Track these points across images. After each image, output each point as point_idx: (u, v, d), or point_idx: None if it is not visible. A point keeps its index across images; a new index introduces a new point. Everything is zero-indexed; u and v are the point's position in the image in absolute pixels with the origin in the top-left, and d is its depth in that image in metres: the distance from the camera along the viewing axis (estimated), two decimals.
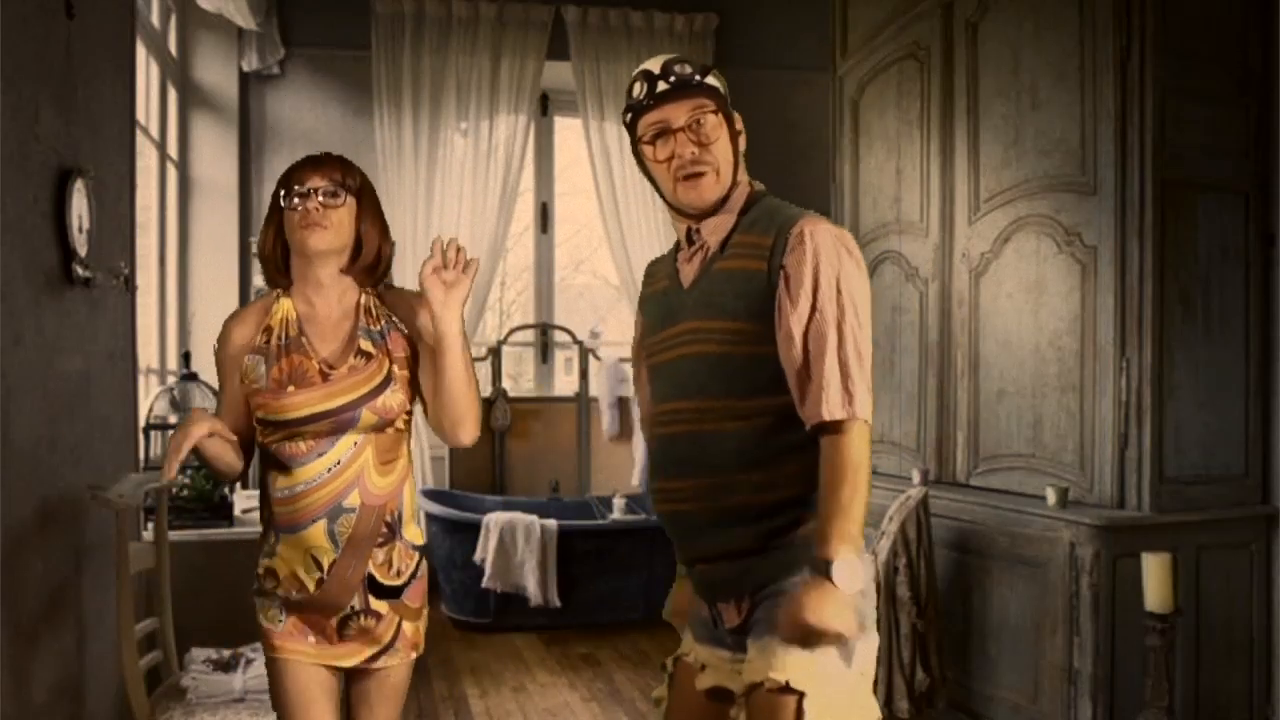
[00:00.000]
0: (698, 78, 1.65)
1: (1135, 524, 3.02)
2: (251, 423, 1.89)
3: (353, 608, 1.87)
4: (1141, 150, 3.07)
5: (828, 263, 1.57)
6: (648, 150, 1.67)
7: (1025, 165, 3.47)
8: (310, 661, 1.88)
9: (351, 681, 1.95)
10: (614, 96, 5.81)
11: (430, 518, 5.08)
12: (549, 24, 5.75)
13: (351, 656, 1.90)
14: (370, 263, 1.92)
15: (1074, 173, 3.27)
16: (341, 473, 1.83)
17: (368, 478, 1.85)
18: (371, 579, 1.86)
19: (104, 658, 2.76)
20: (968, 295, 3.75)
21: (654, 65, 1.67)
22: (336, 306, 1.90)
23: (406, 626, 1.92)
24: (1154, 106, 3.05)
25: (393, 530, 1.88)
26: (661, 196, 1.73)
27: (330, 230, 1.83)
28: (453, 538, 4.88)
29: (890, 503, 3.43)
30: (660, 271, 1.83)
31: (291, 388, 1.83)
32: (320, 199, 1.82)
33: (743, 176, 1.73)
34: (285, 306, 1.91)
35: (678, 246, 1.79)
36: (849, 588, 1.46)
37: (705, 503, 1.62)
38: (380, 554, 1.87)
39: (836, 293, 1.56)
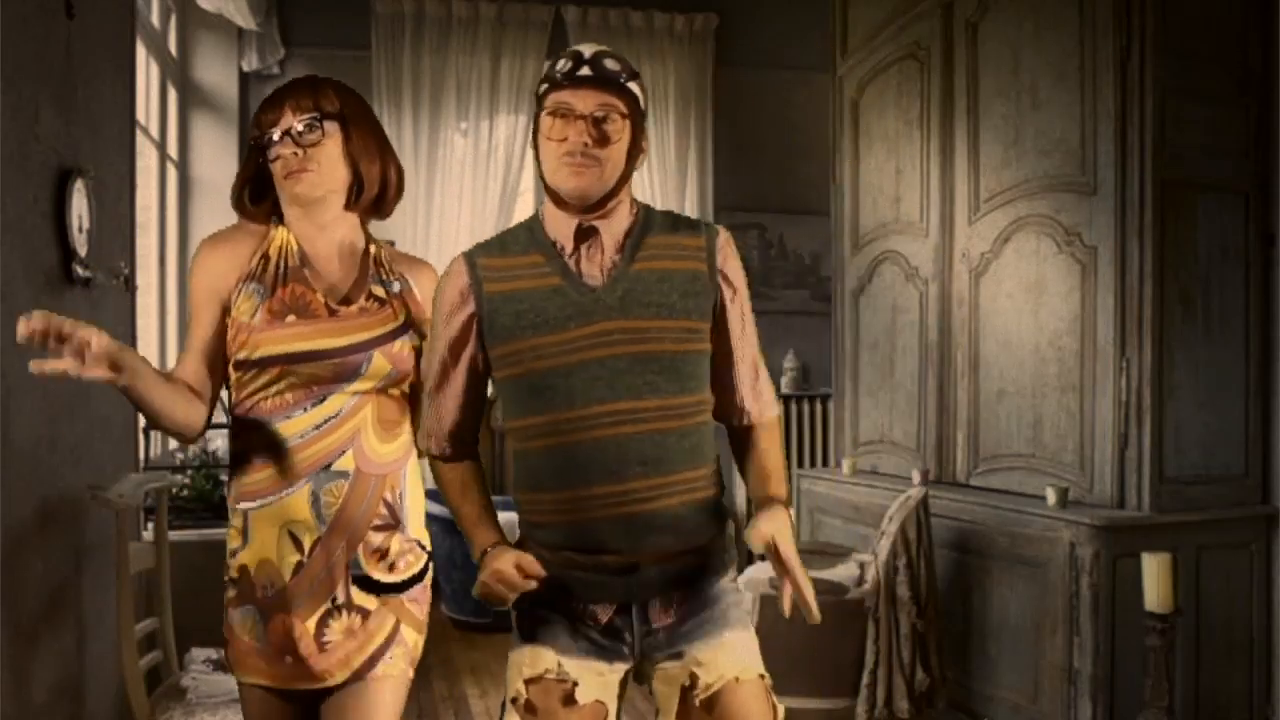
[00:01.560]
0: (623, 78, 1.61)
1: (1135, 524, 3.02)
2: (219, 376, 1.60)
3: (334, 601, 1.57)
4: (1141, 150, 3.07)
5: (743, 272, 1.72)
6: (545, 123, 1.61)
7: (1025, 165, 3.47)
8: (283, 686, 1.59)
9: (330, 700, 1.60)
10: None
11: (430, 518, 5.05)
12: (549, 24, 5.75)
13: (337, 671, 1.58)
14: (374, 195, 1.69)
15: (1074, 173, 3.27)
16: (334, 429, 1.56)
17: (365, 439, 1.58)
18: (359, 568, 1.58)
19: (104, 658, 2.76)
20: (968, 295, 3.75)
21: (586, 50, 1.62)
22: (342, 246, 1.67)
23: (406, 631, 1.63)
24: (1154, 106, 3.05)
25: (394, 514, 1.61)
26: (541, 179, 1.65)
27: (318, 172, 1.60)
28: (453, 538, 4.85)
29: (890, 503, 3.43)
30: (518, 268, 1.64)
31: (292, 317, 1.56)
32: (296, 140, 1.58)
33: (627, 194, 1.67)
34: (283, 235, 1.64)
35: (533, 244, 1.65)
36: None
37: (669, 500, 1.60)
38: (376, 539, 1.59)
39: (748, 299, 1.73)
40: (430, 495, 1.88)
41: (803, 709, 3.07)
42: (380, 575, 1.60)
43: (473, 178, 5.67)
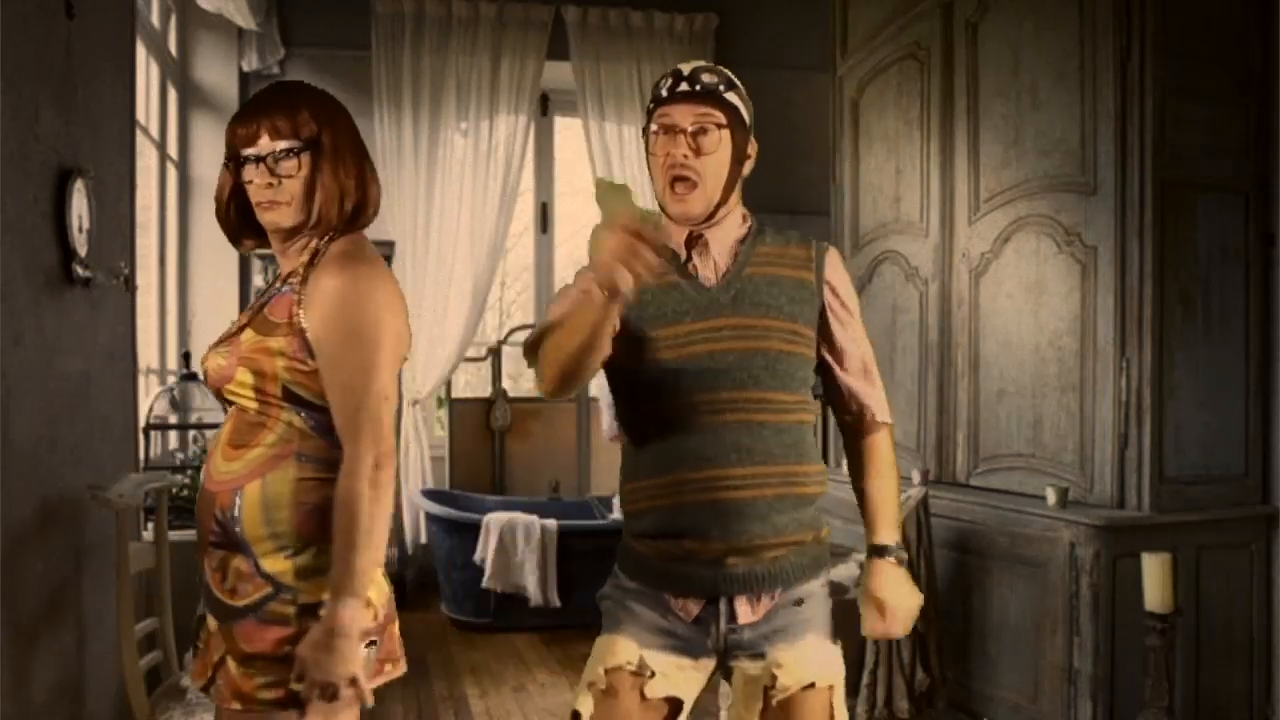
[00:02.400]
0: (721, 89, 1.69)
1: (1135, 524, 3.02)
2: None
3: (200, 613, 1.60)
4: (1141, 150, 3.07)
5: (852, 289, 1.81)
6: (652, 140, 1.72)
7: (1025, 165, 3.47)
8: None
9: None
10: (614, 96, 5.81)
11: (430, 518, 5.08)
12: (549, 24, 5.75)
13: (197, 675, 1.61)
14: (327, 222, 1.60)
15: (1074, 173, 3.27)
16: (213, 444, 1.61)
17: (214, 457, 1.58)
18: (207, 585, 1.56)
19: (104, 658, 2.76)
20: (968, 295, 3.75)
21: (686, 66, 1.72)
22: (291, 266, 1.63)
23: (231, 665, 1.52)
24: (1154, 106, 3.05)
25: (226, 533, 1.53)
26: (655, 193, 1.74)
27: (290, 205, 1.57)
28: (453, 538, 4.88)
29: None
30: None
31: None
32: (270, 169, 1.56)
33: (735, 201, 1.76)
34: None
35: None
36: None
37: (764, 490, 1.66)
38: (218, 558, 1.55)
39: (857, 314, 1.81)
40: (430, 495, 1.88)
41: None
42: (217, 593, 1.55)
43: (473, 178, 5.67)
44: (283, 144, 1.55)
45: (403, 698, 3.88)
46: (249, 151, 1.57)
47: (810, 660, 1.66)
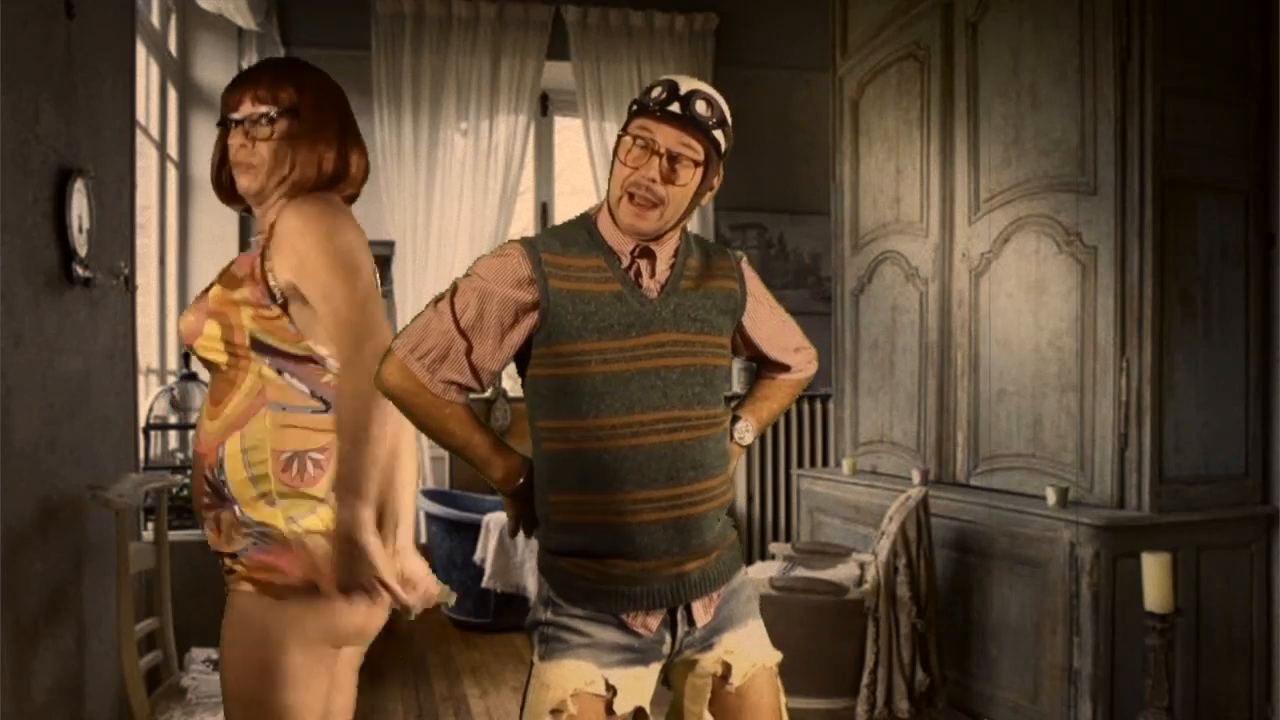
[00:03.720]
0: (711, 123, 1.64)
1: (1135, 524, 3.02)
2: None
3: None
4: (1141, 150, 3.07)
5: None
6: (625, 144, 1.65)
7: (1025, 165, 3.47)
8: None
9: None
10: (614, 96, 5.81)
11: (430, 518, 5.08)
12: (549, 24, 5.75)
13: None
14: (301, 187, 1.66)
15: (1074, 173, 3.27)
16: (200, 413, 1.69)
17: (201, 422, 1.65)
18: (210, 543, 1.68)
19: (104, 658, 2.76)
20: (968, 295, 3.75)
21: (684, 85, 1.64)
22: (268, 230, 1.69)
23: (236, 595, 1.65)
24: (1154, 106, 3.05)
25: (216, 493, 1.61)
26: (606, 197, 1.71)
27: (257, 168, 1.65)
28: (453, 538, 4.88)
29: (890, 503, 3.43)
30: (584, 270, 1.67)
31: None
32: (246, 132, 1.64)
33: (684, 222, 1.72)
34: None
35: (593, 247, 1.69)
36: None
37: (712, 503, 1.71)
38: (209, 517, 1.64)
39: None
40: (430, 495, 1.91)
41: (803, 709, 3.07)
42: (218, 545, 1.66)
43: (473, 178, 5.66)
44: (261, 109, 1.64)
45: (403, 698, 3.89)
46: (233, 116, 1.66)
47: (755, 644, 1.76)
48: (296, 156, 1.66)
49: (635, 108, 1.67)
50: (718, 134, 1.65)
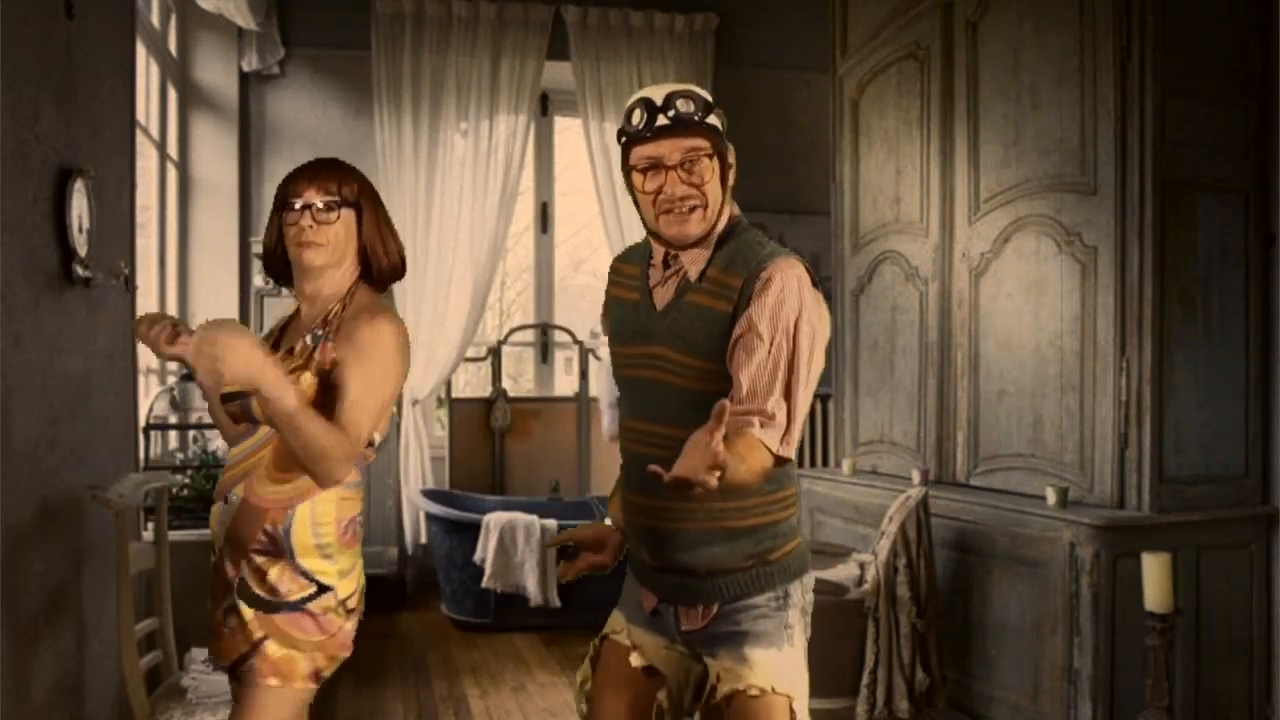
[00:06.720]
0: (699, 116, 1.62)
1: (1135, 524, 3.02)
2: None
3: (230, 600, 1.81)
4: (1141, 150, 3.07)
5: (790, 306, 1.60)
6: (637, 179, 1.66)
7: (1025, 165, 3.47)
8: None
9: None
10: (614, 96, 5.81)
11: (430, 518, 5.08)
12: (549, 24, 5.75)
13: (223, 657, 1.83)
14: (385, 272, 1.92)
15: (1074, 173, 3.27)
16: (243, 461, 1.84)
17: (257, 477, 1.82)
18: (243, 581, 1.80)
19: (104, 658, 2.76)
20: (968, 295, 3.75)
21: (656, 95, 1.63)
22: (322, 308, 1.89)
23: (270, 646, 1.78)
24: (1154, 106, 3.05)
25: (276, 544, 1.79)
26: (643, 221, 1.71)
27: (326, 247, 1.84)
28: (453, 538, 4.88)
29: (890, 503, 3.43)
30: (629, 277, 1.79)
31: None
32: (314, 216, 1.82)
33: (726, 208, 1.71)
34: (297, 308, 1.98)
35: (647, 256, 1.77)
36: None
37: (692, 524, 1.67)
38: (259, 562, 1.80)
39: (794, 331, 1.59)
40: (430, 495, 1.95)
41: None
42: (257, 590, 1.80)
43: (473, 178, 5.67)
44: (327, 198, 1.84)
45: (403, 698, 3.89)
46: (297, 201, 1.83)
47: (753, 667, 1.65)
48: (365, 242, 1.88)
49: (625, 139, 1.67)
50: (711, 120, 1.65)
